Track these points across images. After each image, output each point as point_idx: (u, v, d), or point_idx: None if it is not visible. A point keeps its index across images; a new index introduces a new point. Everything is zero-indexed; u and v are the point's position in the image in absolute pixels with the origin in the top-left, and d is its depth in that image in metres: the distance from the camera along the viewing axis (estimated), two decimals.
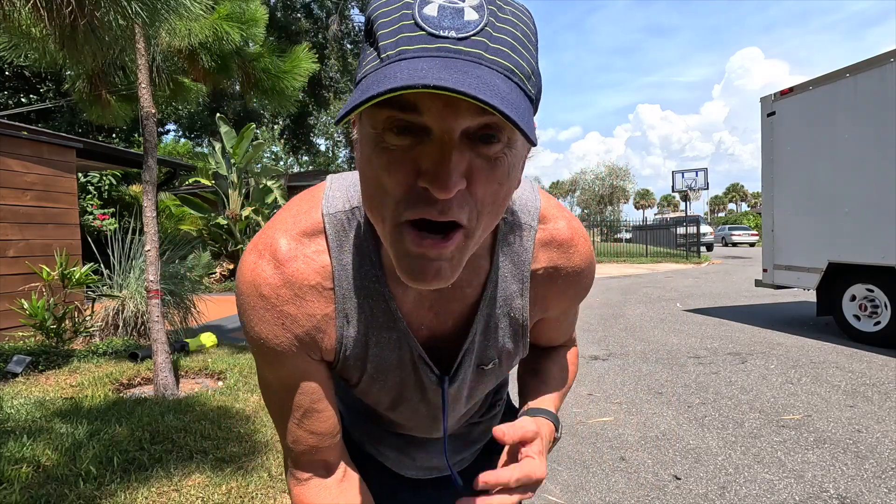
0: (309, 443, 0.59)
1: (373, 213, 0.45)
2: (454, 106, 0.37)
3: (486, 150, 0.40)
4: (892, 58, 4.44)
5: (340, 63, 17.81)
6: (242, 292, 0.54)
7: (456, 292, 0.57)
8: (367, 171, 0.43)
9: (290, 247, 0.54)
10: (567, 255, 0.61)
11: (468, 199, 0.41)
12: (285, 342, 0.54)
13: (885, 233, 4.52)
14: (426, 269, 0.43)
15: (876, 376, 3.75)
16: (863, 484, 2.24)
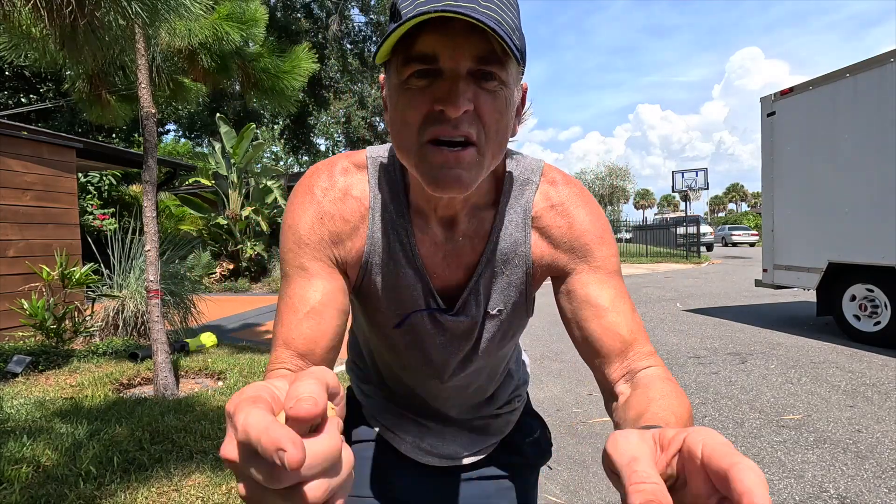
0: (303, 344, 0.58)
1: (401, 148, 0.54)
2: (461, 48, 0.49)
3: (486, 85, 0.51)
4: (892, 58, 4.43)
5: (340, 63, 17.80)
6: (296, 191, 0.63)
7: (465, 244, 0.65)
8: (395, 113, 0.54)
9: (345, 166, 0.65)
10: (559, 193, 0.66)
11: (476, 121, 0.51)
12: (317, 235, 0.61)
13: (885, 233, 4.51)
14: (448, 176, 0.52)
15: (876, 376, 3.75)
16: (863, 484, 2.24)
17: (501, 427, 0.85)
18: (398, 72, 0.52)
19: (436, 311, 0.67)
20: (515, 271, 0.66)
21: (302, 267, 0.60)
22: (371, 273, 0.65)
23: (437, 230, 0.64)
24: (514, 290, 0.67)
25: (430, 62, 0.50)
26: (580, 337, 0.62)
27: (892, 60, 4.43)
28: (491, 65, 0.50)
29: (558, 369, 4.11)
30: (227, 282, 10.22)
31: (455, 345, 0.70)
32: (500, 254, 0.65)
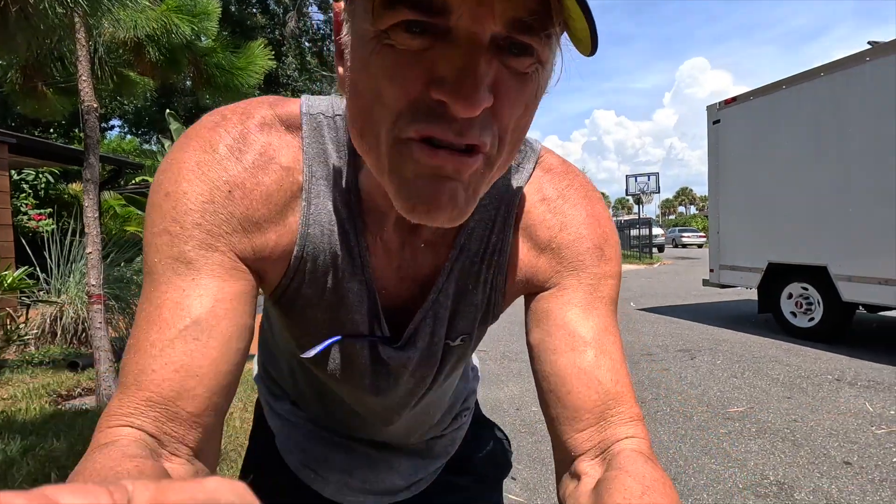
0: (170, 380, 0.35)
1: (363, 137, 0.35)
2: (490, 6, 0.30)
3: (515, 63, 0.32)
4: (823, 72, 4.77)
5: (298, 61, 17.43)
6: (184, 144, 0.40)
7: (427, 251, 0.47)
8: (362, 79, 0.34)
9: (266, 118, 0.42)
10: (555, 182, 0.49)
11: (491, 122, 0.33)
12: (218, 214, 0.39)
13: (818, 235, 4.85)
14: (439, 191, 0.34)
15: (810, 369, 4.02)
16: (798, 470, 2.39)
17: (447, 447, 0.70)
18: (374, 13, 0.31)
19: (378, 340, 0.49)
20: (484, 286, 0.49)
21: (182, 258, 0.38)
22: (300, 281, 0.45)
23: (393, 234, 0.46)
24: (479, 310, 0.50)
25: (436, 13, 0.30)
26: (545, 374, 0.45)
27: (822, 74, 4.77)
28: (532, 34, 0.31)
29: (518, 369, 4.17)
30: None
31: (400, 385, 0.52)
32: (468, 263, 0.48)
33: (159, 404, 0.35)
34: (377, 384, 0.52)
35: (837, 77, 4.64)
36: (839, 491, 2.19)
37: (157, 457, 0.34)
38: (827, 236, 4.76)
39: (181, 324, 0.37)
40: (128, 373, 0.36)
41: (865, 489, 2.20)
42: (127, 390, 0.36)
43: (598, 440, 0.42)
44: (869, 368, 3.97)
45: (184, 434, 0.36)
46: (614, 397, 0.43)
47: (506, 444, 0.78)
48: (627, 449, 0.41)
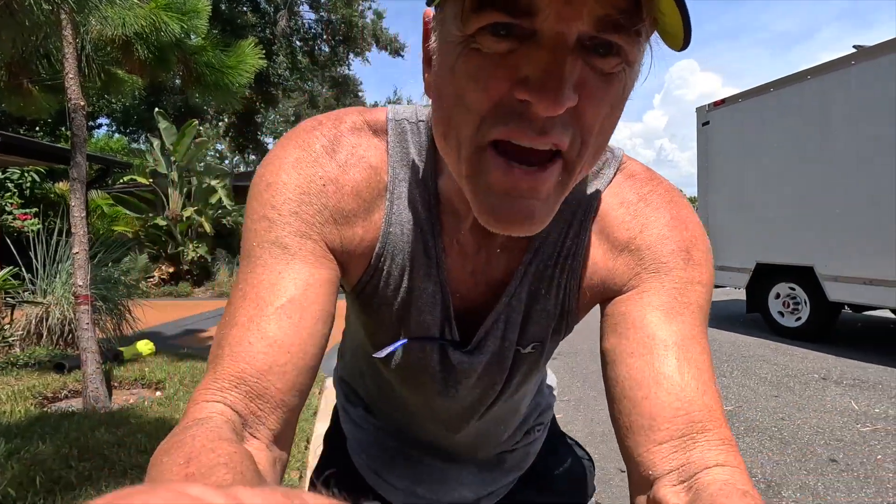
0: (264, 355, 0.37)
1: (447, 139, 0.36)
2: (577, 4, 0.30)
3: (601, 63, 0.32)
4: (809, 75, 4.84)
5: (289, 60, 17.33)
6: (284, 143, 0.44)
7: (503, 256, 0.47)
8: (447, 84, 0.35)
9: (356, 123, 0.45)
10: (637, 188, 0.47)
11: (574, 121, 0.33)
12: (313, 204, 0.41)
13: (805, 235, 4.91)
14: (514, 209, 0.34)
15: (797, 368, 4.07)
16: (786, 468, 2.42)
17: (519, 461, 0.67)
18: (463, 18, 0.32)
19: (447, 343, 0.48)
20: (557, 291, 0.47)
21: (279, 243, 0.40)
22: (379, 278, 0.46)
23: (470, 237, 0.45)
24: (552, 317, 0.49)
25: (522, 14, 0.30)
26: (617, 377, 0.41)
27: (809, 77, 4.83)
28: (619, 32, 0.31)
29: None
30: (167, 286, 9.69)
31: (467, 390, 0.52)
32: (542, 267, 0.47)
33: (252, 377, 0.36)
34: (445, 388, 0.51)
35: (823, 80, 4.70)
36: (825, 488, 2.22)
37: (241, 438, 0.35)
38: (813, 237, 4.83)
39: (277, 302, 0.38)
40: (223, 345, 0.38)
41: (851, 486, 2.23)
42: (222, 362, 0.37)
43: (681, 462, 0.36)
44: (854, 367, 4.03)
45: (268, 415, 0.37)
46: (700, 410, 0.37)
47: (587, 465, 0.73)
48: (719, 481, 0.34)
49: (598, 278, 0.47)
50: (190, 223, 9.93)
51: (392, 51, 19.62)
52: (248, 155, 29.17)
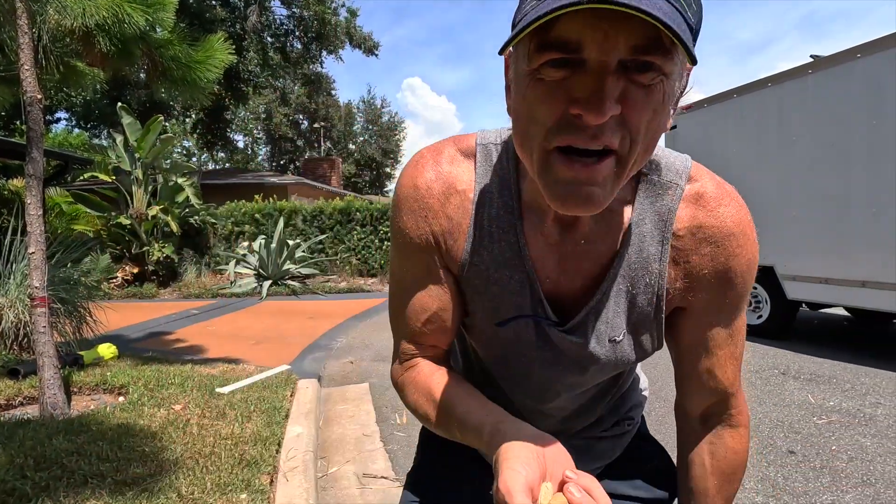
0: (429, 341, 0.62)
1: (523, 147, 0.47)
2: (613, 35, 0.38)
3: (640, 78, 0.40)
4: (769, 82, 5.04)
5: (260, 56, 16.97)
6: (401, 184, 0.60)
7: (589, 248, 0.56)
8: (521, 106, 0.45)
9: (452, 155, 0.59)
10: (713, 213, 0.55)
11: (621, 126, 0.42)
12: (423, 234, 0.58)
13: (765, 237, 5.10)
14: (576, 193, 0.44)
15: (758, 363, 4.23)
16: (748, 460, 2.51)
17: (606, 451, 0.74)
18: (529, 57, 0.42)
19: (544, 321, 0.58)
20: (646, 292, 0.56)
21: (416, 273, 0.60)
22: (471, 273, 0.59)
23: (553, 229, 0.55)
24: (641, 315, 0.58)
25: (572, 51, 0.39)
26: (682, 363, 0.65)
27: (769, 85, 5.03)
28: (652, 54, 0.39)
29: None
30: (131, 287, 9.36)
31: (561, 366, 0.61)
32: (631, 268, 0.56)
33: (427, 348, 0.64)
34: (540, 363, 0.62)
35: (782, 88, 4.91)
36: (784, 479, 2.32)
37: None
38: (773, 238, 5.03)
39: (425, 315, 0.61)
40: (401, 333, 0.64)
41: (808, 476, 2.33)
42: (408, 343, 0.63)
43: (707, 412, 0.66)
44: (811, 362, 4.22)
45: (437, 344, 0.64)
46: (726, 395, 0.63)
47: (672, 465, 0.77)
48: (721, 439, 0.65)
49: (679, 282, 0.57)
50: (155, 222, 9.62)
51: (366, 49, 19.44)
52: (217, 152, 28.45)
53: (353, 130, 33.14)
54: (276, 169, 30.26)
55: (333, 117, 30.54)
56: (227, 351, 4.75)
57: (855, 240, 4.33)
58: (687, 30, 0.39)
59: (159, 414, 2.81)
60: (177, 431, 2.54)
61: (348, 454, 2.68)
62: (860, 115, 4.25)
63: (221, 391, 3.26)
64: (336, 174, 21.10)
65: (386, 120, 33.58)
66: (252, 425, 2.66)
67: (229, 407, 2.92)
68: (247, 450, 2.35)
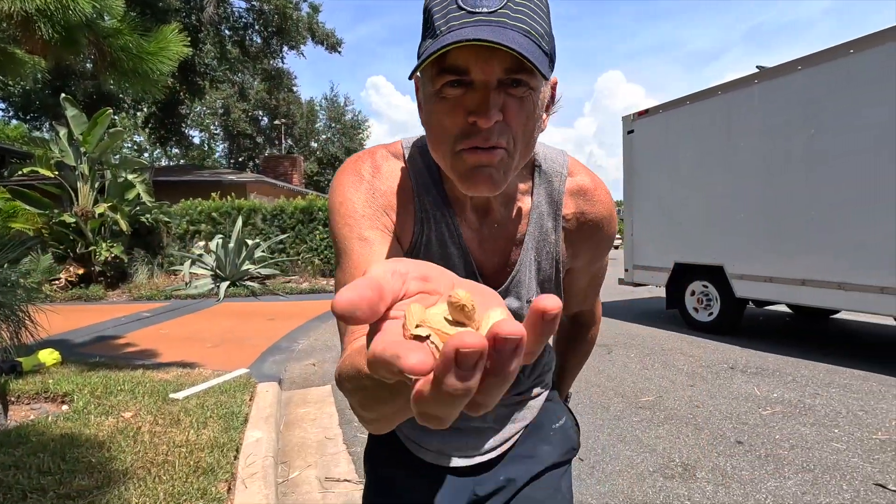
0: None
1: (437, 151, 0.59)
2: (490, 62, 0.52)
3: (514, 92, 0.55)
4: (720, 91, 5.29)
5: (217, 49, 16.40)
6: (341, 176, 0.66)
7: (501, 230, 0.70)
8: (431, 119, 0.58)
9: (384, 154, 0.69)
10: (591, 203, 0.73)
11: (505, 129, 0.55)
12: (372, 207, 0.64)
13: (715, 238, 5.36)
14: (480, 175, 0.56)
15: (710, 359, 4.44)
16: (700, 451, 2.63)
17: (525, 414, 0.83)
18: (432, 80, 0.55)
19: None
20: (547, 258, 0.72)
21: (361, 237, 0.63)
22: (421, 250, 0.68)
23: (472, 217, 0.69)
24: (546, 277, 0.73)
25: (463, 74, 0.53)
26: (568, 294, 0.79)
27: (720, 93, 5.29)
28: (519, 73, 0.53)
29: None
30: (76, 289, 8.84)
31: None
32: (535, 241, 0.71)
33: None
34: None
35: (731, 96, 5.17)
36: (733, 468, 2.44)
37: None
38: (722, 239, 5.28)
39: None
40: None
41: (754, 465, 2.47)
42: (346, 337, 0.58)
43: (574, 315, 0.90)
44: (757, 357, 4.46)
45: None
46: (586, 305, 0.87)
47: (575, 422, 0.93)
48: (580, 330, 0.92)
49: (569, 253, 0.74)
50: (103, 220, 9.13)
51: (329, 46, 19.12)
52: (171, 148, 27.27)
53: (316, 128, 32.53)
54: (235, 166, 29.31)
55: (295, 114, 29.87)
56: (182, 355, 4.56)
57: (796, 241, 4.61)
58: (542, 55, 0.53)
59: (107, 422, 2.67)
60: (127, 440, 2.42)
61: (310, 458, 2.63)
62: (800, 124, 4.53)
63: (175, 397, 3.13)
64: (297, 172, 20.64)
65: (349, 118, 33.14)
66: (208, 431, 2.57)
67: (184, 413, 2.81)
68: (203, 457, 2.26)
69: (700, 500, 2.16)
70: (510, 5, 0.53)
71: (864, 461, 2.47)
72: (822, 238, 4.39)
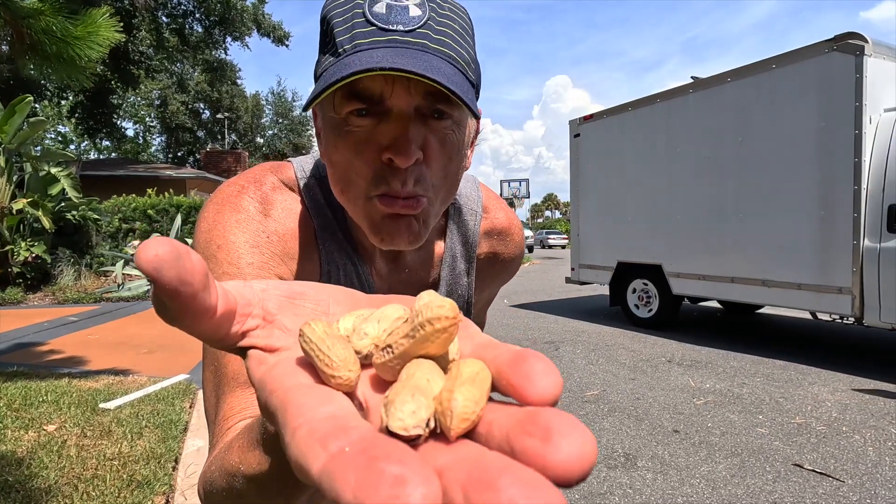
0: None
1: (344, 195, 0.49)
2: (409, 89, 0.43)
3: (437, 125, 0.46)
4: (658, 98, 5.58)
5: (154, 37, 15.47)
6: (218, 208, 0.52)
7: (412, 275, 0.62)
8: (335, 155, 0.47)
9: (274, 184, 0.55)
10: (505, 243, 0.68)
11: (425, 173, 0.46)
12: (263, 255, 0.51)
13: (654, 238, 5.66)
14: (399, 227, 0.47)
15: (649, 353, 4.67)
16: (640, 441, 2.76)
17: None
18: (336, 105, 0.45)
19: None
20: (459, 301, 0.66)
21: None
22: None
23: (381, 263, 0.60)
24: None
25: (376, 103, 0.44)
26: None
27: (658, 101, 5.58)
28: (441, 102, 0.45)
29: None
30: None
31: None
32: (448, 285, 0.64)
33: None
34: None
35: (669, 104, 5.46)
36: (670, 455, 2.58)
37: None
38: (660, 239, 5.58)
39: None
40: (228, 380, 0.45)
41: (689, 451, 2.62)
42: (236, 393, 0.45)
43: None
44: (691, 350, 4.74)
45: None
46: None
47: None
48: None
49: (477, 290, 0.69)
50: (22, 217, 8.38)
51: (276, 39, 18.51)
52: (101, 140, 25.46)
53: (262, 123, 31.42)
54: (173, 161, 27.77)
55: (239, 108, 28.69)
56: (114, 361, 4.27)
57: (725, 241, 4.94)
58: (467, 84, 0.46)
59: (27, 437, 2.46)
60: (50, 455, 2.24)
61: None
62: (730, 131, 4.86)
63: (106, 406, 2.93)
64: (242, 168, 19.85)
65: (297, 114, 32.25)
66: (144, 442, 2.42)
67: (116, 423, 2.63)
68: (137, 469, 2.13)
69: (640, 487, 2.27)
70: (431, 25, 0.44)
71: (784, 444, 2.69)
72: (748, 238, 4.74)
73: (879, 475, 2.33)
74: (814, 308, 4.37)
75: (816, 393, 3.48)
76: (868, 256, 3.88)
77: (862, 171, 3.90)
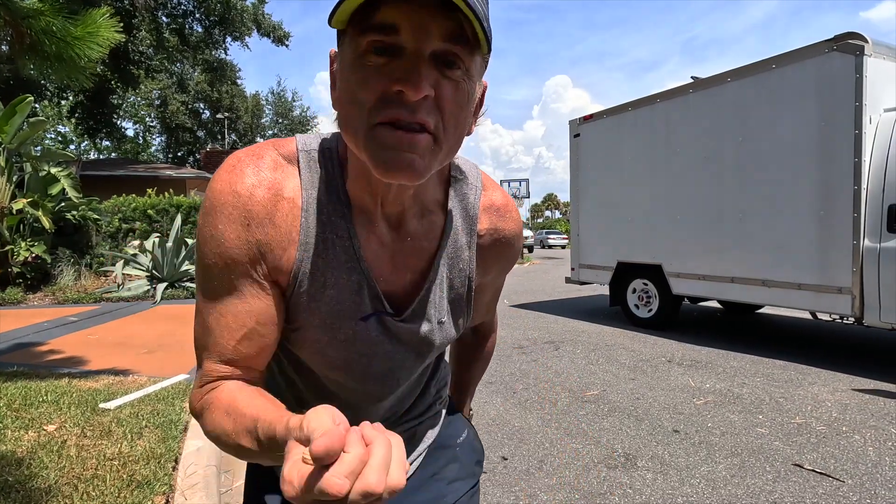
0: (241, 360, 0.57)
1: (348, 127, 0.49)
2: (426, 28, 0.44)
3: (450, 73, 0.47)
4: (658, 98, 5.58)
5: (154, 37, 15.47)
6: (216, 189, 0.55)
7: (415, 244, 0.62)
8: (345, 89, 0.49)
9: (274, 159, 0.57)
10: (504, 219, 0.69)
11: (435, 110, 0.47)
12: (246, 248, 0.54)
13: (654, 238, 5.65)
14: (399, 160, 0.46)
15: (649, 353, 4.67)
16: (640, 441, 2.76)
17: (426, 434, 0.80)
18: (354, 43, 0.46)
19: (384, 314, 0.62)
20: (459, 276, 0.66)
21: (232, 286, 0.55)
22: (304, 283, 0.57)
23: (384, 229, 0.59)
24: (457, 296, 0.67)
25: (391, 33, 0.44)
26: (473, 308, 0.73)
27: (658, 101, 5.58)
28: (459, 45, 0.45)
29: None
30: None
31: (403, 355, 0.65)
32: (449, 257, 0.64)
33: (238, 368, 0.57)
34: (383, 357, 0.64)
35: (669, 104, 5.46)
36: (670, 455, 2.58)
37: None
38: (661, 239, 5.58)
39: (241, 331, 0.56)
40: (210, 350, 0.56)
41: (689, 451, 2.62)
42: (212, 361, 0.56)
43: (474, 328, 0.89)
44: (691, 350, 4.74)
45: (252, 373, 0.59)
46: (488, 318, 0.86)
47: (476, 435, 0.90)
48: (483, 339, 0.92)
49: (480, 269, 0.69)
50: (22, 217, 8.38)
51: (276, 39, 18.51)
52: (101, 140, 25.45)
53: (262, 123, 31.41)
54: (173, 161, 27.77)
55: (239, 108, 28.69)
56: (114, 361, 4.27)
57: (725, 241, 4.94)
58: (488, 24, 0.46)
59: (27, 437, 2.46)
60: (50, 455, 2.24)
61: None
62: (730, 131, 4.85)
63: (106, 406, 2.93)
64: None
65: (297, 114, 32.26)
66: (144, 442, 2.42)
67: (116, 423, 2.63)
68: (137, 469, 2.13)
69: (640, 487, 2.27)
70: None
71: (784, 444, 2.69)
72: (748, 238, 4.73)
73: (879, 475, 2.33)
74: (814, 308, 4.37)
75: (816, 393, 3.48)
76: (868, 256, 3.88)
77: (862, 171, 3.90)
